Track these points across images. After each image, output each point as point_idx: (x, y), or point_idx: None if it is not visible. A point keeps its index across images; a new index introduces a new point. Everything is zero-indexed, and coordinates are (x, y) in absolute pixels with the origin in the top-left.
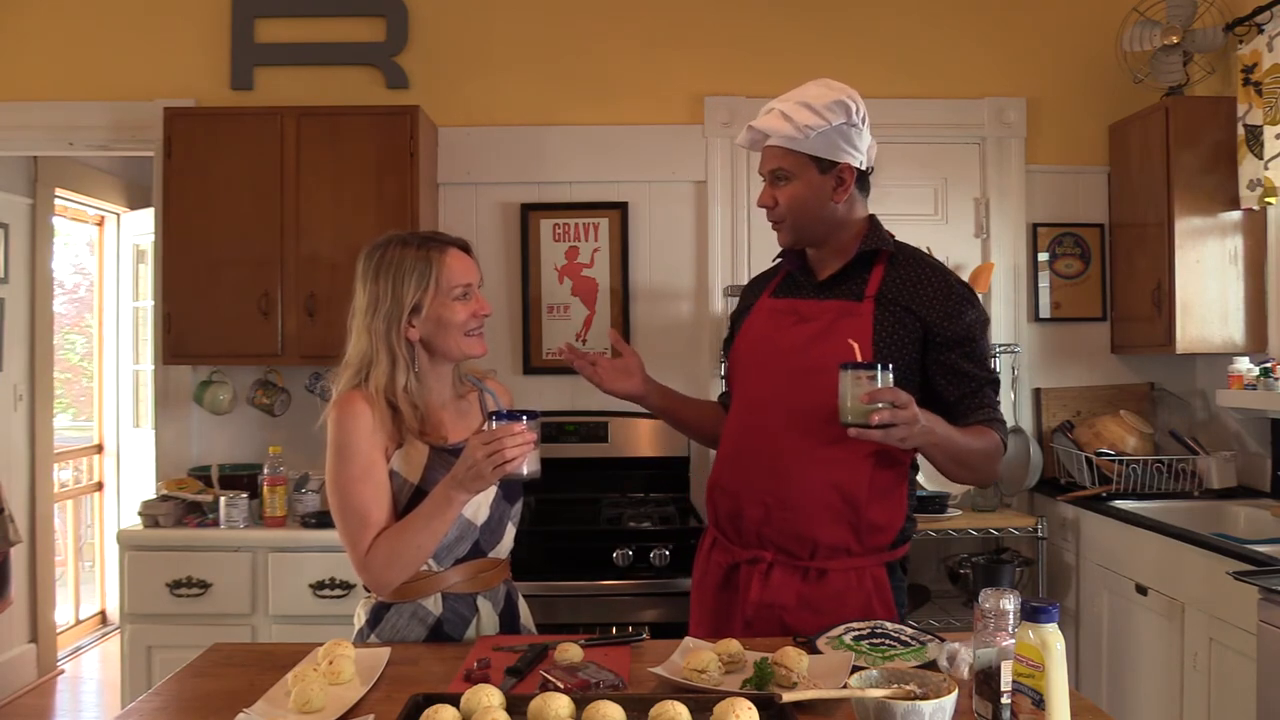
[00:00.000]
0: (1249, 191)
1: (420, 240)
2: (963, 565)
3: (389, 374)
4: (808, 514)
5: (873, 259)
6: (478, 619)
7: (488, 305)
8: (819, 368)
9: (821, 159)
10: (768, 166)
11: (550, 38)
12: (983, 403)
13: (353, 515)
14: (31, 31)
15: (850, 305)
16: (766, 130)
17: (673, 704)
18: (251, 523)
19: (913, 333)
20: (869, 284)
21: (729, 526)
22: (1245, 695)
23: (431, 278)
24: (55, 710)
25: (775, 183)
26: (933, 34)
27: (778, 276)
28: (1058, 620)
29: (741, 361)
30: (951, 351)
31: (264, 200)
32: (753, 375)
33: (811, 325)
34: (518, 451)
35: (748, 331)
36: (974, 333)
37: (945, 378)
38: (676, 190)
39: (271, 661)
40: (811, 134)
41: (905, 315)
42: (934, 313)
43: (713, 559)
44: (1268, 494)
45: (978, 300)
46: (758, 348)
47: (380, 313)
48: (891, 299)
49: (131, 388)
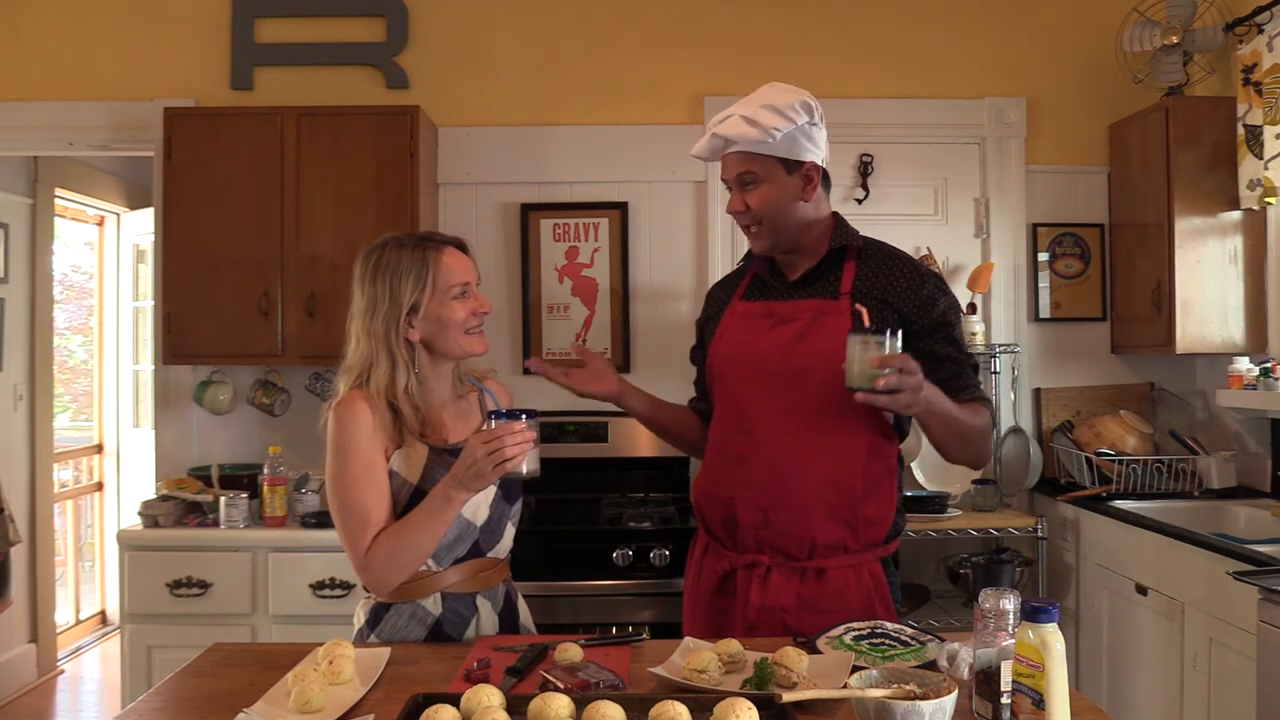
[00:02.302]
0: (1249, 191)
1: (416, 240)
2: (963, 565)
3: (389, 375)
4: (805, 514)
5: (842, 256)
6: (477, 619)
7: (487, 303)
8: (803, 368)
9: (788, 159)
10: (733, 172)
11: (550, 38)
12: (966, 383)
13: (352, 516)
14: (31, 31)
15: (827, 304)
16: (731, 136)
17: (673, 704)
18: (251, 523)
19: (891, 324)
20: (843, 280)
21: (723, 534)
22: (1245, 695)
23: (428, 277)
24: (55, 710)
25: (743, 187)
26: (933, 34)
27: (745, 279)
28: (1058, 620)
29: (720, 369)
30: (929, 338)
31: (264, 200)
32: (735, 382)
33: (791, 326)
34: (518, 450)
35: (723, 337)
36: (950, 317)
37: (927, 363)
38: (676, 190)
39: (271, 661)
40: (778, 135)
41: (882, 308)
42: (909, 303)
43: (706, 565)
44: (1268, 494)
45: (947, 286)
46: (736, 353)
47: (379, 314)
48: (867, 293)
49: (131, 388)
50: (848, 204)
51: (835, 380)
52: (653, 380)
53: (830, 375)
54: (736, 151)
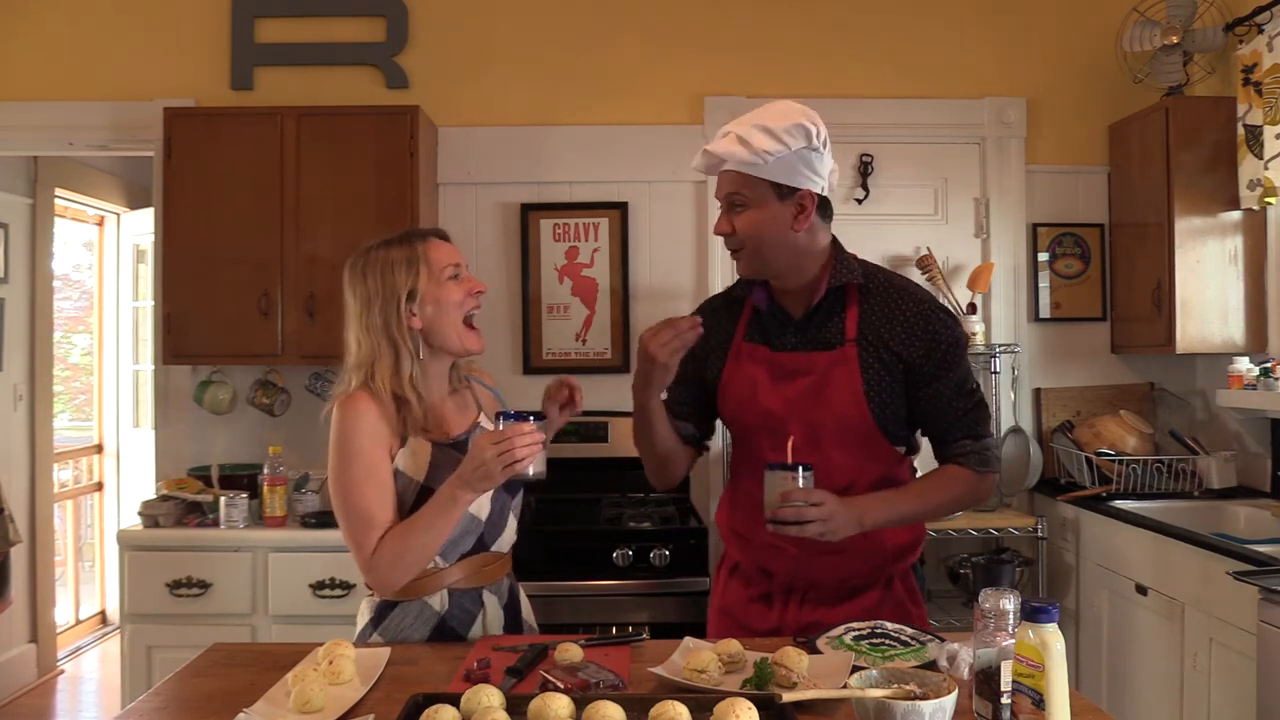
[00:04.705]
0: (1249, 191)
1: (399, 237)
2: (963, 565)
3: (393, 366)
4: (835, 558)
5: (843, 292)
6: (483, 614)
7: (481, 282)
8: (818, 421)
9: (780, 185)
10: (723, 192)
11: (550, 38)
12: (963, 432)
13: (357, 516)
14: (31, 31)
15: (835, 354)
16: (722, 155)
17: (673, 704)
18: (251, 523)
19: (897, 374)
20: (847, 324)
21: (753, 569)
22: (1245, 695)
23: (420, 263)
24: (55, 710)
25: (731, 209)
26: (933, 34)
27: (744, 313)
28: (1058, 620)
29: (734, 420)
30: (930, 386)
31: (264, 200)
32: (751, 435)
33: (801, 381)
34: (527, 452)
35: (733, 384)
36: (953, 360)
37: (929, 407)
38: (676, 190)
39: (271, 661)
40: (770, 159)
41: (887, 356)
42: (913, 350)
43: (732, 585)
44: (1268, 494)
45: (954, 322)
46: (749, 408)
47: (375, 308)
48: (872, 339)
49: (131, 388)
50: (848, 204)
51: (849, 429)
52: None
53: (845, 425)
54: (729, 171)
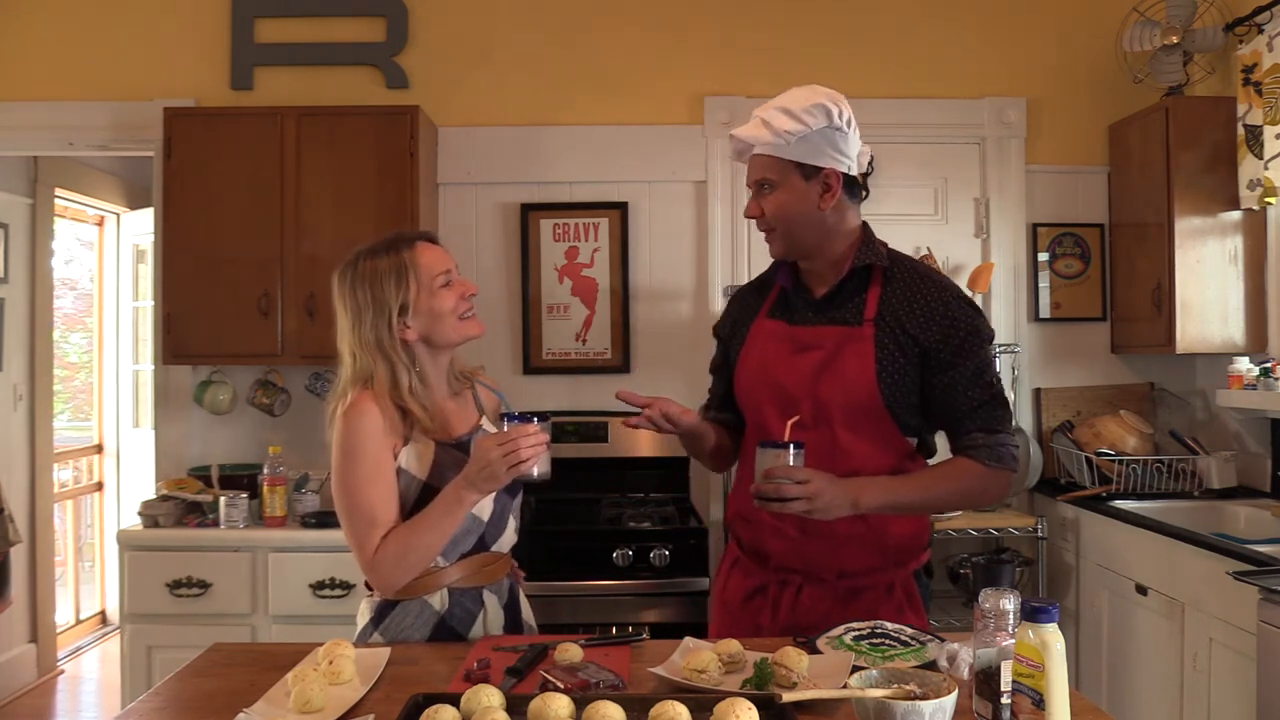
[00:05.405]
0: (1249, 191)
1: (386, 245)
2: (963, 565)
3: (390, 379)
4: (834, 542)
5: (868, 273)
6: (484, 613)
7: (473, 284)
8: (827, 396)
9: (805, 165)
10: (753, 177)
11: (550, 38)
12: (976, 425)
13: (360, 516)
14: (31, 31)
15: (851, 331)
16: (749, 139)
17: (673, 704)
18: (251, 523)
19: (912, 357)
20: (867, 304)
21: (752, 553)
22: (1245, 695)
23: (410, 274)
24: (55, 710)
25: (760, 192)
26: (933, 34)
27: (772, 294)
28: (1058, 620)
29: (746, 392)
30: (945, 373)
31: (264, 200)
32: (761, 407)
33: (813, 355)
34: (532, 452)
35: (747, 359)
36: (970, 348)
37: (944, 395)
38: (676, 190)
39: (271, 661)
40: (792, 139)
41: (904, 338)
42: (931, 337)
43: (734, 578)
44: (1268, 494)
45: (977, 314)
46: (759, 379)
47: (366, 323)
48: (890, 321)
49: (131, 388)
50: None
51: (858, 407)
52: (653, 380)
53: (853, 403)
54: (758, 155)
